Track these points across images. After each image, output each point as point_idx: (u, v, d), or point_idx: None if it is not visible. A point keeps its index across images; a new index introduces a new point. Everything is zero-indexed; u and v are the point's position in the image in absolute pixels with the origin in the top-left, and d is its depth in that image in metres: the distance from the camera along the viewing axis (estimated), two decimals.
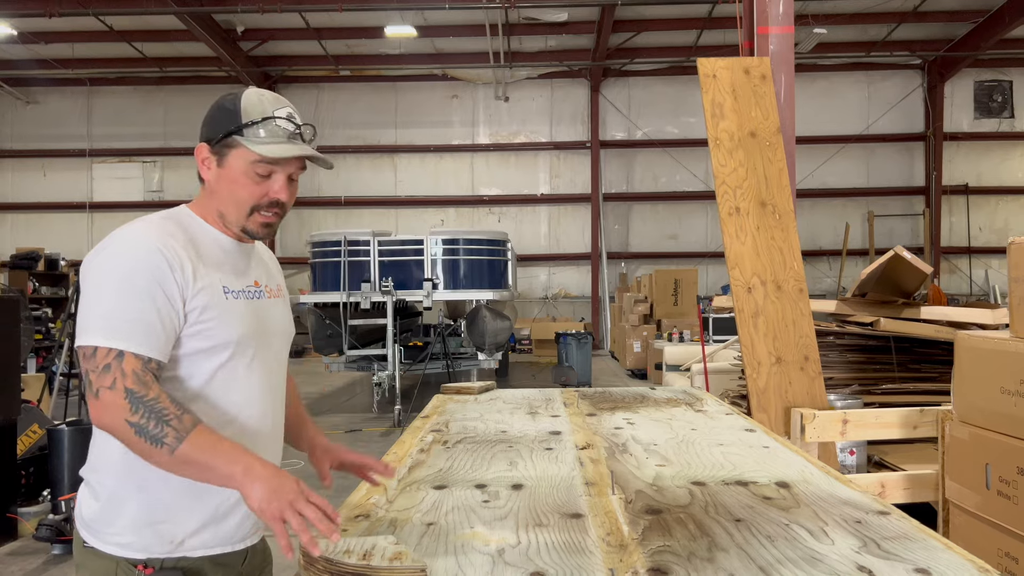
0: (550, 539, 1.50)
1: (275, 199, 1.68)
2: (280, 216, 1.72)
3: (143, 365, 1.49)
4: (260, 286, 1.77)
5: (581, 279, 18.92)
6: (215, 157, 1.66)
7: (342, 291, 9.58)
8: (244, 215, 1.67)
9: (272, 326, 1.78)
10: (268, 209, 1.68)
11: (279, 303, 1.85)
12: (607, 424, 2.69)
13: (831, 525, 1.57)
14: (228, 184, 1.66)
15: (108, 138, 18.67)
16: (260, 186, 1.66)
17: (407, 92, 18.80)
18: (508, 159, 18.93)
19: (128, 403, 1.46)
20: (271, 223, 1.70)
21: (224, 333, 1.62)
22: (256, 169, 1.64)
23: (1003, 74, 18.39)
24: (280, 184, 1.68)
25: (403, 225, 18.39)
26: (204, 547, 1.62)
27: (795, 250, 4.26)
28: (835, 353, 5.23)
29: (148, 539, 1.58)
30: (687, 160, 18.34)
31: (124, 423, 1.45)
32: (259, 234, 1.72)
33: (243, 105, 1.64)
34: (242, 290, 1.70)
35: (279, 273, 1.95)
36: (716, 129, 4.29)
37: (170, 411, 1.46)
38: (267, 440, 1.74)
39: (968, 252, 18.53)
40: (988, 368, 3.23)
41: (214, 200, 1.69)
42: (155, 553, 1.58)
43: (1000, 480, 3.13)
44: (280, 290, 1.88)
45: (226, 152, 1.64)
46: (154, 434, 1.45)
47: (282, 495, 1.43)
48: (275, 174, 1.66)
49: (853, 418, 4.06)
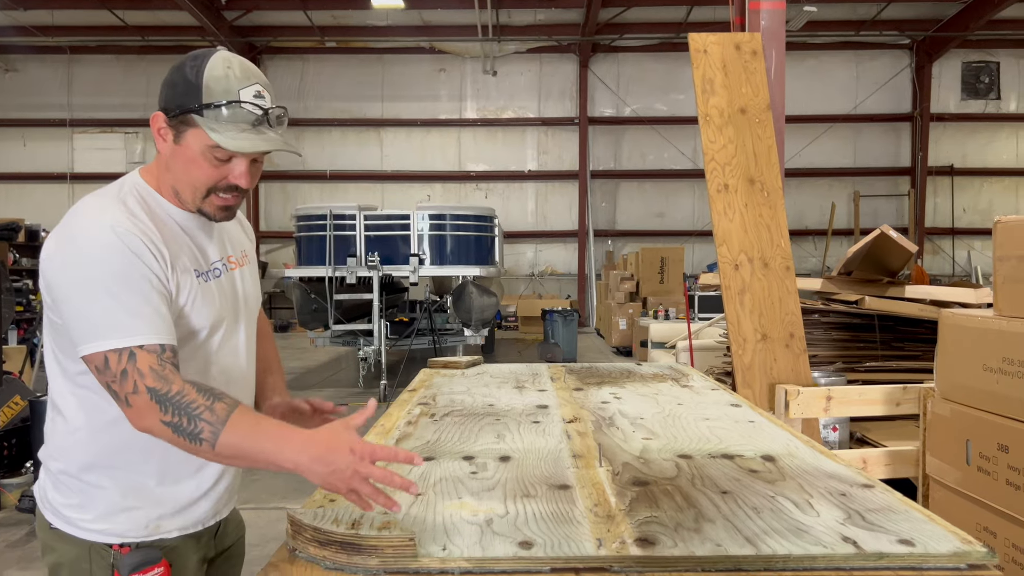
0: (538, 509, 1.50)
1: (234, 184, 1.55)
2: (240, 199, 1.60)
3: (158, 358, 1.40)
4: (224, 259, 1.68)
5: (568, 256, 18.92)
6: (172, 131, 1.51)
7: (328, 265, 9.53)
8: (200, 197, 1.55)
9: (240, 299, 1.72)
10: (226, 192, 1.56)
11: (245, 272, 1.77)
12: (594, 398, 2.69)
13: (816, 497, 1.58)
14: (184, 163, 1.52)
15: (89, 108, 18.38)
16: (218, 169, 1.52)
17: (394, 65, 18.60)
18: (495, 134, 18.82)
19: (156, 404, 1.37)
20: (230, 206, 1.59)
21: (197, 320, 1.56)
22: (215, 153, 1.50)
23: (991, 55, 18.43)
24: (241, 170, 1.54)
25: (389, 200, 18.28)
26: (180, 529, 1.60)
27: (783, 228, 4.26)
28: (820, 331, 5.27)
29: (123, 525, 1.54)
30: (675, 138, 18.31)
31: (161, 425, 1.38)
32: (216, 217, 1.59)
33: (206, 80, 1.47)
34: (209, 270, 1.62)
35: (245, 237, 1.84)
36: (706, 105, 4.27)
37: (199, 403, 1.37)
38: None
39: (952, 233, 18.67)
40: (971, 346, 3.27)
41: (169, 175, 1.55)
42: (130, 537, 1.55)
43: (980, 456, 3.17)
44: (245, 256, 1.79)
45: (183, 129, 1.49)
46: (189, 431, 1.36)
47: (341, 472, 1.33)
48: (236, 159, 1.53)
49: (837, 395, 4.10)
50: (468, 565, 1.26)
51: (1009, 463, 3.01)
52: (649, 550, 1.29)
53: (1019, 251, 3.07)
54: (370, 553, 1.26)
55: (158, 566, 1.54)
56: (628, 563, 1.27)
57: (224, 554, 1.78)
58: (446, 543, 1.32)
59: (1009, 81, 18.52)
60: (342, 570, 1.27)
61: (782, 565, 1.27)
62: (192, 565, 1.63)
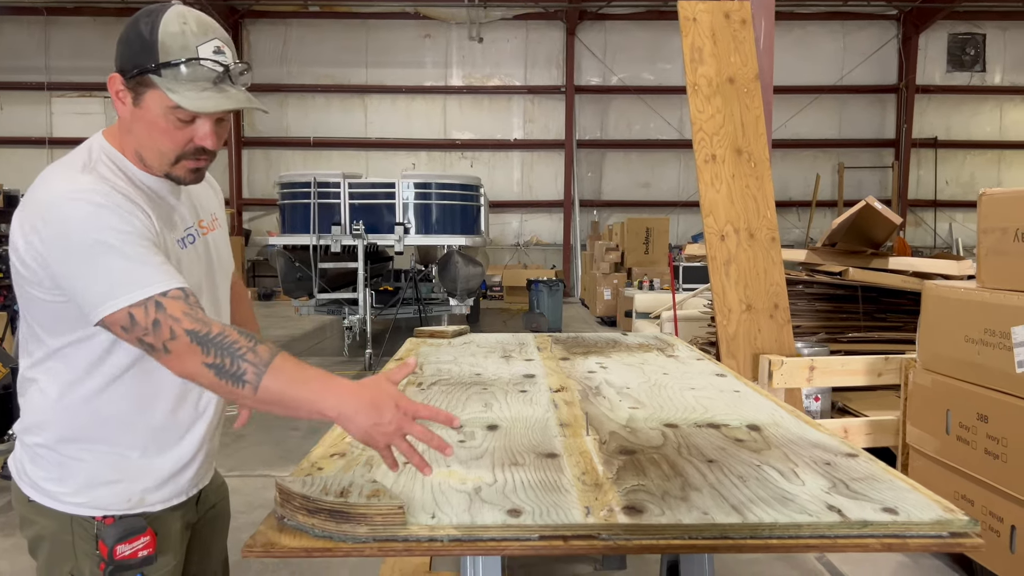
0: (526, 478, 1.51)
1: (201, 146, 1.48)
2: (210, 160, 1.53)
3: (186, 301, 1.35)
4: (196, 224, 1.63)
5: (553, 226, 18.89)
6: (130, 93, 1.43)
7: (312, 234, 9.46)
8: (168, 163, 1.49)
9: (215, 264, 1.68)
10: (194, 156, 1.49)
11: (217, 236, 1.71)
12: (580, 368, 2.70)
13: (801, 466, 1.60)
14: (146, 127, 1.45)
15: (68, 71, 18.01)
16: (182, 132, 1.45)
17: (378, 30, 18.33)
18: (481, 102, 18.66)
19: (197, 345, 1.32)
20: (199, 168, 1.52)
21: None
22: (177, 115, 1.43)
23: (977, 27, 18.41)
24: (206, 131, 1.47)
25: (373, 168, 18.13)
26: (164, 500, 1.59)
27: (769, 199, 4.27)
28: (803, 302, 5.30)
29: (106, 498, 1.52)
30: (661, 108, 18.23)
31: (203, 367, 1.32)
32: (185, 180, 1.52)
33: (161, 37, 1.39)
34: (185, 236, 1.58)
35: (214, 197, 1.78)
36: (695, 74, 4.24)
37: (241, 344, 1.33)
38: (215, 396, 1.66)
39: (934, 205, 18.78)
40: (954, 317, 3.30)
41: (132, 138, 1.48)
42: (113, 511, 1.52)
43: (960, 426, 3.22)
44: (216, 220, 1.73)
45: (142, 91, 1.42)
46: (233, 372, 1.31)
47: (384, 426, 1.32)
48: (200, 119, 1.46)
49: (820, 365, 4.14)
50: (457, 533, 1.27)
51: (988, 432, 3.06)
52: (637, 518, 1.31)
53: (1003, 223, 3.10)
54: (359, 521, 1.27)
55: (143, 535, 1.53)
56: (616, 531, 1.28)
57: (207, 516, 1.77)
58: (435, 511, 1.33)
59: (995, 53, 18.53)
60: (331, 538, 1.27)
61: (768, 533, 1.29)
62: (176, 532, 1.62)
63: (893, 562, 3.64)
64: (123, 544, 1.50)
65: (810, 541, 1.29)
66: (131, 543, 1.51)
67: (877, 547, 1.28)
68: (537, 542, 1.27)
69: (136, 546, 1.52)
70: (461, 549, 1.27)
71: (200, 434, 1.63)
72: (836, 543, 1.28)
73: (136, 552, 1.52)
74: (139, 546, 1.52)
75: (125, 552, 1.51)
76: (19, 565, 3.68)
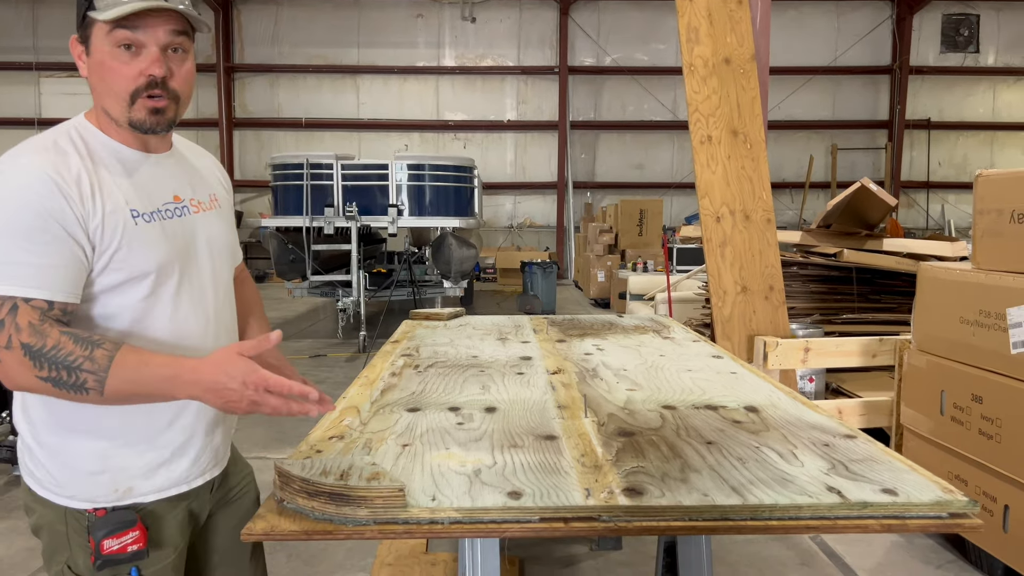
0: (526, 460, 1.50)
1: (151, 77, 1.43)
2: (172, 100, 1.48)
3: (41, 314, 1.33)
4: (182, 200, 1.58)
5: (547, 208, 18.84)
6: (83, 47, 1.45)
7: (305, 215, 9.41)
8: (125, 105, 1.44)
9: (202, 245, 1.61)
10: (149, 91, 1.44)
11: (212, 216, 1.66)
12: (577, 350, 2.70)
13: (800, 448, 1.60)
14: (99, 73, 1.43)
15: (56, 51, 17.78)
16: (130, 65, 1.42)
17: (370, 10, 18.16)
18: (474, 83, 18.53)
19: (30, 360, 1.31)
20: (159, 108, 1.46)
21: (138, 263, 1.46)
22: (115, 41, 1.40)
23: (971, 8, 18.36)
24: (152, 58, 1.42)
25: (366, 149, 18.02)
26: (157, 491, 1.55)
27: (764, 180, 4.26)
28: (798, 283, 5.31)
29: (91, 490, 1.50)
30: (655, 89, 18.15)
31: (37, 381, 1.32)
32: (148, 123, 1.47)
33: None
34: (156, 210, 1.51)
35: (216, 182, 1.75)
36: (691, 55, 4.22)
37: (76, 354, 1.31)
38: None
39: (927, 187, 18.80)
40: (949, 298, 3.30)
41: (98, 100, 1.48)
42: (101, 502, 1.50)
43: (954, 406, 3.24)
44: (215, 201, 1.69)
45: (88, 36, 1.43)
46: (72, 383, 1.31)
47: (235, 403, 1.33)
48: (144, 47, 1.42)
49: (814, 346, 4.15)
50: (458, 515, 1.27)
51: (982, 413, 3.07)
52: (637, 500, 1.31)
53: (999, 205, 3.10)
54: (359, 504, 1.26)
55: (133, 530, 1.49)
56: (616, 512, 1.28)
57: (226, 504, 1.75)
58: (435, 494, 1.33)
59: (988, 34, 18.49)
60: (331, 520, 1.27)
61: (768, 514, 1.29)
62: (174, 527, 1.58)
63: (887, 541, 3.67)
64: (111, 539, 1.47)
65: (810, 522, 1.29)
66: (119, 538, 1.48)
67: (877, 528, 1.29)
68: (538, 524, 1.27)
69: (125, 540, 1.48)
70: (462, 531, 1.27)
71: (188, 422, 1.58)
72: (836, 524, 1.29)
73: (125, 547, 1.48)
74: (128, 540, 1.48)
75: (113, 547, 1.47)
76: (15, 547, 3.68)
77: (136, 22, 1.40)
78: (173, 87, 1.47)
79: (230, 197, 1.81)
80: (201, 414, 1.60)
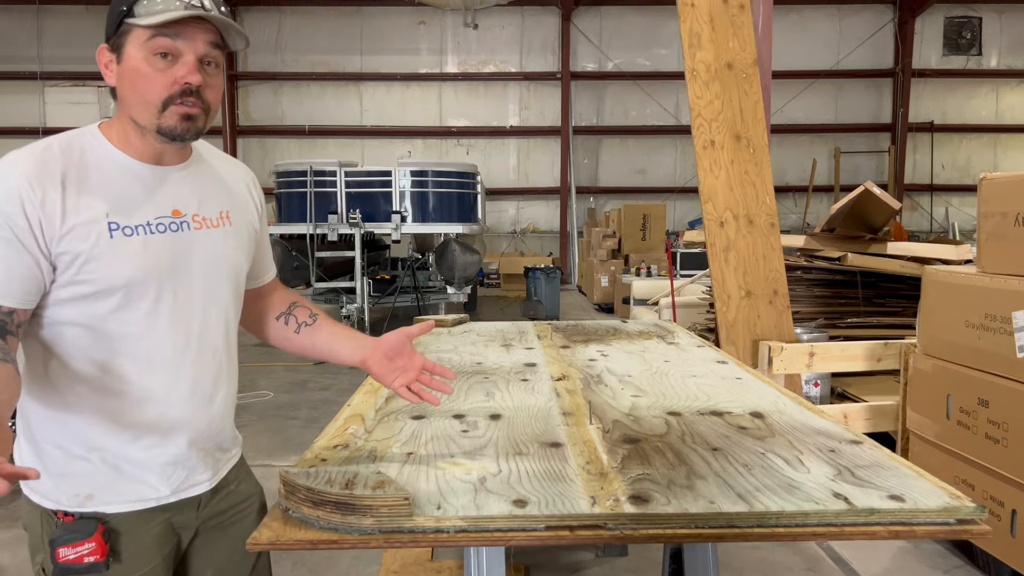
0: (531, 467, 1.50)
1: (187, 85, 1.41)
2: (203, 110, 1.45)
3: None
4: (183, 215, 1.52)
5: (550, 214, 18.85)
6: (114, 55, 1.43)
7: (308, 223, 9.43)
8: (156, 112, 1.42)
9: (196, 262, 1.53)
10: (181, 97, 1.42)
11: (216, 234, 1.58)
12: (581, 356, 2.70)
13: (806, 454, 1.59)
14: (130, 80, 1.41)
15: (60, 60, 17.87)
16: (166, 73, 1.40)
17: (373, 17, 18.22)
18: (477, 89, 18.57)
19: None
20: (192, 115, 1.43)
21: (106, 277, 1.41)
22: (153, 49, 1.39)
23: (973, 10, 18.35)
24: (189, 67, 1.41)
25: (369, 156, 18.05)
26: (121, 503, 1.50)
27: (768, 185, 4.26)
28: (802, 287, 5.30)
29: (56, 492, 1.48)
30: (658, 93, 18.17)
31: None
32: (179, 130, 1.43)
33: None
34: (144, 224, 1.46)
35: (243, 199, 1.68)
36: (693, 60, 4.22)
37: None
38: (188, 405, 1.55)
39: (930, 190, 18.77)
40: (954, 302, 3.30)
41: (124, 108, 1.45)
42: (64, 505, 1.48)
43: (960, 411, 3.22)
44: (225, 218, 1.61)
45: (121, 44, 1.41)
46: None
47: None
48: (181, 56, 1.41)
49: (819, 351, 4.14)
50: (463, 524, 1.26)
51: (988, 417, 3.06)
52: (643, 507, 1.30)
53: (1003, 207, 3.09)
54: (365, 513, 1.26)
55: (89, 540, 1.44)
56: (622, 520, 1.28)
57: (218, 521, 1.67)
58: (440, 502, 1.32)
59: (991, 37, 18.48)
60: (336, 530, 1.26)
61: (775, 521, 1.28)
62: (146, 541, 1.53)
63: (894, 547, 3.66)
64: (66, 547, 1.43)
65: (817, 529, 1.29)
66: (75, 547, 1.44)
67: (884, 535, 1.28)
68: (543, 532, 1.27)
69: (80, 551, 1.44)
70: (467, 540, 1.26)
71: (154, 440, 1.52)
72: (843, 531, 1.28)
73: (81, 557, 1.44)
74: (84, 551, 1.44)
75: (69, 556, 1.43)
76: (20, 556, 3.68)
77: (177, 30, 1.40)
78: (206, 97, 1.45)
79: (256, 216, 1.74)
80: (170, 427, 1.53)
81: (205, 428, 1.59)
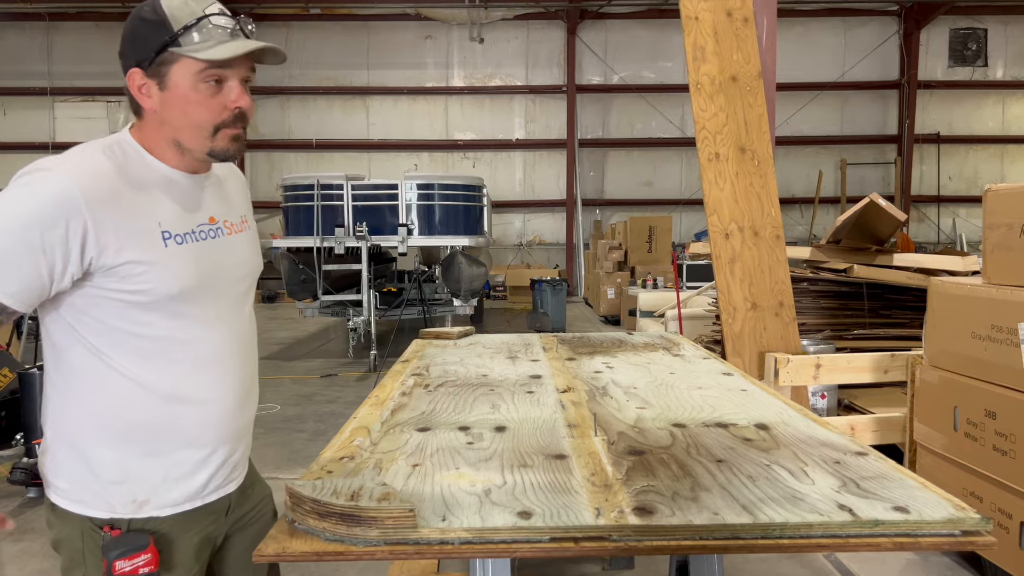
0: (536, 479, 1.50)
1: (238, 110, 1.48)
2: (245, 128, 1.53)
3: None
4: (217, 222, 1.59)
5: (556, 226, 18.89)
6: (153, 81, 1.43)
7: (316, 236, 9.47)
8: (208, 136, 1.47)
9: (231, 269, 1.61)
10: (233, 122, 1.49)
11: (242, 239, 1.67)
12: (586, 368, 2.70)
13: (811, 465, 1.59)
14: (180, 106, 1.44)
15: (70, 76, 18.06)
16: (216, 99, 1.45)
17: (379, 32, 18.35)
18: (483, 103, 18.66)
19: None
20: (239, 135, 1.51)
21: (163, 285, 1.46)
22: (205, 79, 1.43)
23: (979, 22, 18.37)
24: (238, 91, 1.47)
25: (376, 169, 18.14)
26: (173, 505, 1.55)
27: (773, 197, 4.26)
28: (809, 299, 5.29)
29: (109, 499, 1.50)
30: (663, 106, 18.22)
31: None
32: (232, 151, 1.51)
33: (168, 11, 1.41)
34: (190, 231, 1.52)
35: (245, 199, 1.76)
36: (697, 73, 4.24)
37: None
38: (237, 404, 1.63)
39: (937, 201, 18.75)
40: (960, 313, 3.29)
41: (165, 129, 1.47)
42: (119, 513, 1.51)
43: (968, 422, 3.21)
44: (245, 222, 1.70)
45: (165, 71, 1.42)
46: None
47: None
48: (228, 81, 1.46)
49: (826, 362, 4.13)
50: (468, 535, 1.27)
51: (996, 429, 3.05)
52: (647, 519, 1.30)
53: (1009, 219, 3.09)
54: (370, 524, 1.27)
55: (145, 552, 1.49)
56: (627, 532, 1.28)
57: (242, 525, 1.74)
58: (445, 514, 1.33)
59: (996, 48, 18.49)
60: (342, 541, 1.27)
61: (779, 533, 1.29)
62: (188, 550, 1.58)
63: (902, 559, 3.64)
64: (123, 560, 1.47)
65: (821, 541, 1.29)
66: (131, 559, 1.48)
67: (889, 546, 1.28)
68: (548, 544, 1.27)
69: (136, 563, 1.48)
70: (472, 551, 1.27)
71: (212, 436, 1.59)
72: (848, 543, 1.28)
73: (137, 569, 1.48)
74: (140, 563, 1.49)
75: (125, 568, 1.47)
76: (28, 570, 3.69)
77: (230, 60, 1.44)
78: (249, 117, 1.52)
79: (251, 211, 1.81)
80: (222, 427, 1.61)
81: (246, 424, 1.70)
